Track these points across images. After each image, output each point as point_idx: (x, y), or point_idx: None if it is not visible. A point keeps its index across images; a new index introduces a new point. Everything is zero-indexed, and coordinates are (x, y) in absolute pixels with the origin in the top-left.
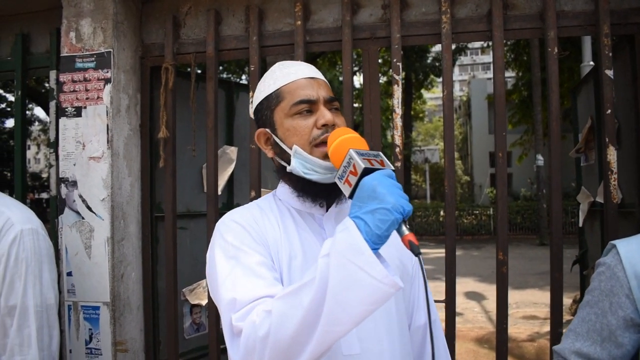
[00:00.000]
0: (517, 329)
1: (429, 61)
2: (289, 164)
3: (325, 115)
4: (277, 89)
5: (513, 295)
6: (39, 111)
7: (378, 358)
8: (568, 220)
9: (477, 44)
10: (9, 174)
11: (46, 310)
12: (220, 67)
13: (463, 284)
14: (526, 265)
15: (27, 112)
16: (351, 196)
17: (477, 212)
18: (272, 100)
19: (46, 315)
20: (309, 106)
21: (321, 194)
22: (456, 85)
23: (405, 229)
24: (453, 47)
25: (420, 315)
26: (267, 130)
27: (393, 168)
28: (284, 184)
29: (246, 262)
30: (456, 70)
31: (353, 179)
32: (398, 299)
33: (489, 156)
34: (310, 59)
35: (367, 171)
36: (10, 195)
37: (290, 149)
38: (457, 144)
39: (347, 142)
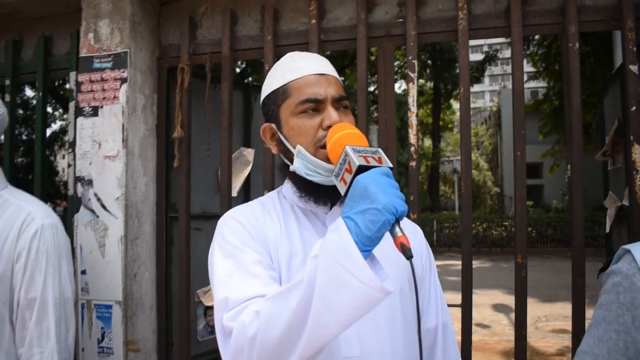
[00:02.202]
0: (546, 343)
1: (457, 71)
2: (292, 162)
3: (331, 116)
4: (285, 84)
5: (543, 308)
6: None
7: None
8: (601, 233)
9: (509, 54)
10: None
11: (64, 303)
12: (247, 70)
13: (491, 296)
14: (557, 278)
15: (62, 122)
16: (347, 194)
17: (507, 223)
18: (279, 95)
19: (64, 308)
20: (316, 105)
21: (324, 195)
22: (486, 96)
23: (398, 230)
24: (481, 57)
25: (430, 317)
26: (273, 125)
27: (391, 165)
28: (288, 182)
29: (242, 261)
30: (486, 80)
31: (348, 177)
32: (405, 300)
33: None
34: (340, 68)
35: (362, 169)
36: None
37: (294, 148)
38: (487, 154)
39: (344, 138)
